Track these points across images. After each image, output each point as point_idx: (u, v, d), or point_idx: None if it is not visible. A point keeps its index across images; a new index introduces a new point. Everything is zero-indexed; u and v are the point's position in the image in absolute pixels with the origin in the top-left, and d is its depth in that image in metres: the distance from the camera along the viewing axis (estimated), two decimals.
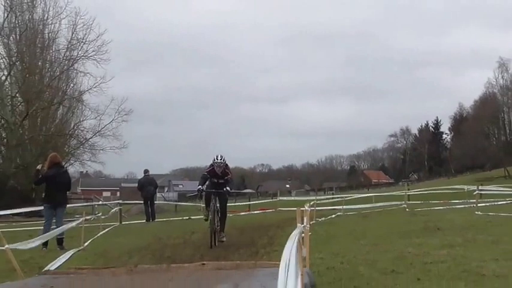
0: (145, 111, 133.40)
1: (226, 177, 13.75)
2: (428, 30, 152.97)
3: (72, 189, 22.35)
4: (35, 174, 15.66)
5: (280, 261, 4.02)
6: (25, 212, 29.12)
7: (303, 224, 6.66)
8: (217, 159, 13.51)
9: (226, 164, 13.94)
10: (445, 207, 27.42)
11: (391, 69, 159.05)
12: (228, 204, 15.22)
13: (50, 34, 49.98)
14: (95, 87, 48.69)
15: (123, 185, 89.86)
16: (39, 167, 15.51)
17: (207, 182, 13.97)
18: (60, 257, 11.89)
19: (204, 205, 14.30)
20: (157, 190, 28.85)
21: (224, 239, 13.88)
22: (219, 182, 13.52)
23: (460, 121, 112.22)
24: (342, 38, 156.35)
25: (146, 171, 27.82)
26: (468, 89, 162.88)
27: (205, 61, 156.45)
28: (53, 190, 14.82)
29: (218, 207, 13.38)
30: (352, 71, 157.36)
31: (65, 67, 49.78)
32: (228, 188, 13.74)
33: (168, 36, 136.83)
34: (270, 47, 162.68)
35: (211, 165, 13.47)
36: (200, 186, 14.04)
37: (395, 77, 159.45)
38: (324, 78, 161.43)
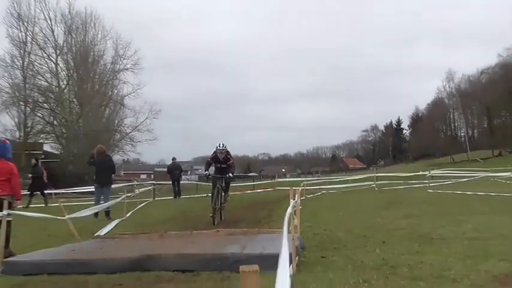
0: (173, 111, 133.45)
1: (228, 162, 12.76)
2: (394, 45, 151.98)
3: (116, 173, 22.39)
4: (90, 157, 15.83)
5: (277, 227, 4.09)
6: (80, 191, 29.16)
7: (295, 199, 6.68)
8: (219, 147, 12.45)
9: (228, 151, 12.79)
10: (404, 187, 27.41)
11: (363, 77, 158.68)
12: (237, 184, 14.98)
13: (98, 52, 50.51)
14: (132, 92, 49.61)
15: (156, 169, 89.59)
16: (95, 151, 15.64)
17: (212, 167, 13.06)
18: (108, 225, 11.95)
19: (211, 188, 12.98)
20: (182, 173, 28.87)
21: (229, 198, 13.51)
22: (222, 167, 12.61)
23: (416, 120, 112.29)
24: (324, 52, 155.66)
25: (174, 158, 28.05)
26: (423, 94, 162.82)
27: (219, 71, 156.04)
28: (101, 174, 15.01)
29: (224, 188, 12.55)
30: (334, 79, 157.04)
31: (110, 77, 50.23)
32: (230, 174, 12.81)
33: (190, 51, 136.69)
34: (269, 60, 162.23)
35: (215, 152, 12.54)
36: (207, 172, 13.26)
37: (367, 84, 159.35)
38: (311, 84, 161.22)
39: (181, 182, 27.74)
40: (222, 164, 12.40)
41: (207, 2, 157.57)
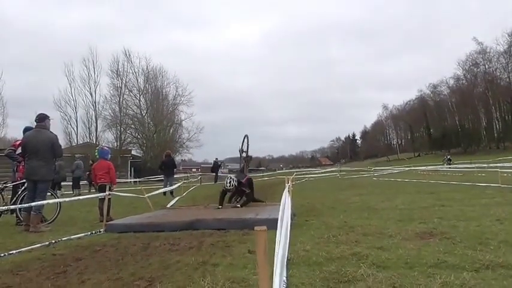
0: (212, 128, 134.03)
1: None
2: (350, 88, 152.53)
3: (177, 168, 22.56)
4: (160, 164, 15.80)
5: (278, 201, 4.06)
6: (154, 179, 29.25)
7: (288, 183, 6.65)
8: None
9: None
10: (358, 176, 27.25)
11: (331, 108, 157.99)
12: (252, 175, 14.24)
13: (165, 92, 50.95)
14: (187, 118, 49.88)
15: (202, 165, 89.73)
16: (164, 155, 15.75)
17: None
18: (172, 200, 11.93)
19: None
20: (219, 168, 29.32)
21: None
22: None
23: (365, 133, 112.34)
24: (306, 92, 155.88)
25: (216, 158, 28.75)
26: (369, 117, 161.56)
27: (241, 104, 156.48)
28: (167, 168, 14.97)
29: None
30: (312, 109, 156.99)
31: (173, 108, 50.52)
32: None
33: (223, 91, 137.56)
34: (272, 97, 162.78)
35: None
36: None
37: (334, 112, 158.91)
38: (298, 113, 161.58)
39: (219, 173, 28.07)
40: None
41: (235, 62, 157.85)
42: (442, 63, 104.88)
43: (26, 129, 7.20)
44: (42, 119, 6.79)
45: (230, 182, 8.30)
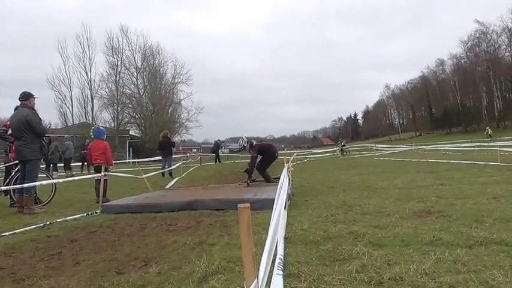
0: (212, 108, 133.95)
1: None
2: (350, 70, 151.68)
3: (176, 148, 22.56)
4: (158, 146, 15.71)
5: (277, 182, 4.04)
6: (153, 160, 29.27)
7: (288, 163, 6.66)
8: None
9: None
10: (359, 155, 27.29)
11: (332, 88, 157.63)
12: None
13: (163, 71, 50.43)
14: (186, 97, 49.55)
15: (202, 145, 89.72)
16: (161, 135, 15.68)
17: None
18: (171, 181, 11.98)
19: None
20: (220, 148, 29.59)
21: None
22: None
23: (366, 113, 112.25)
24: (307, 73, 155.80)
25: (218, 140, 29.05)
26: (371, 97, 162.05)
27: (242, 85, 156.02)
28: (165, 149, 14.87)
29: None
30: (313, 90, 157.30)
31: (171, 87, 50.18)
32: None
33: (224, 72, 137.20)
34: (273, 78, 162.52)
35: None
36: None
37: (335, 92, 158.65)
38: (299, 93, 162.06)
39: (220, 154, 28.27)
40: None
41: (235, 43, 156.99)
42: (444, 42, 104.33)
43: (16, 109, 7.16)
44: (24, 97, 6.59)
45: (240, 142, 8.82)
